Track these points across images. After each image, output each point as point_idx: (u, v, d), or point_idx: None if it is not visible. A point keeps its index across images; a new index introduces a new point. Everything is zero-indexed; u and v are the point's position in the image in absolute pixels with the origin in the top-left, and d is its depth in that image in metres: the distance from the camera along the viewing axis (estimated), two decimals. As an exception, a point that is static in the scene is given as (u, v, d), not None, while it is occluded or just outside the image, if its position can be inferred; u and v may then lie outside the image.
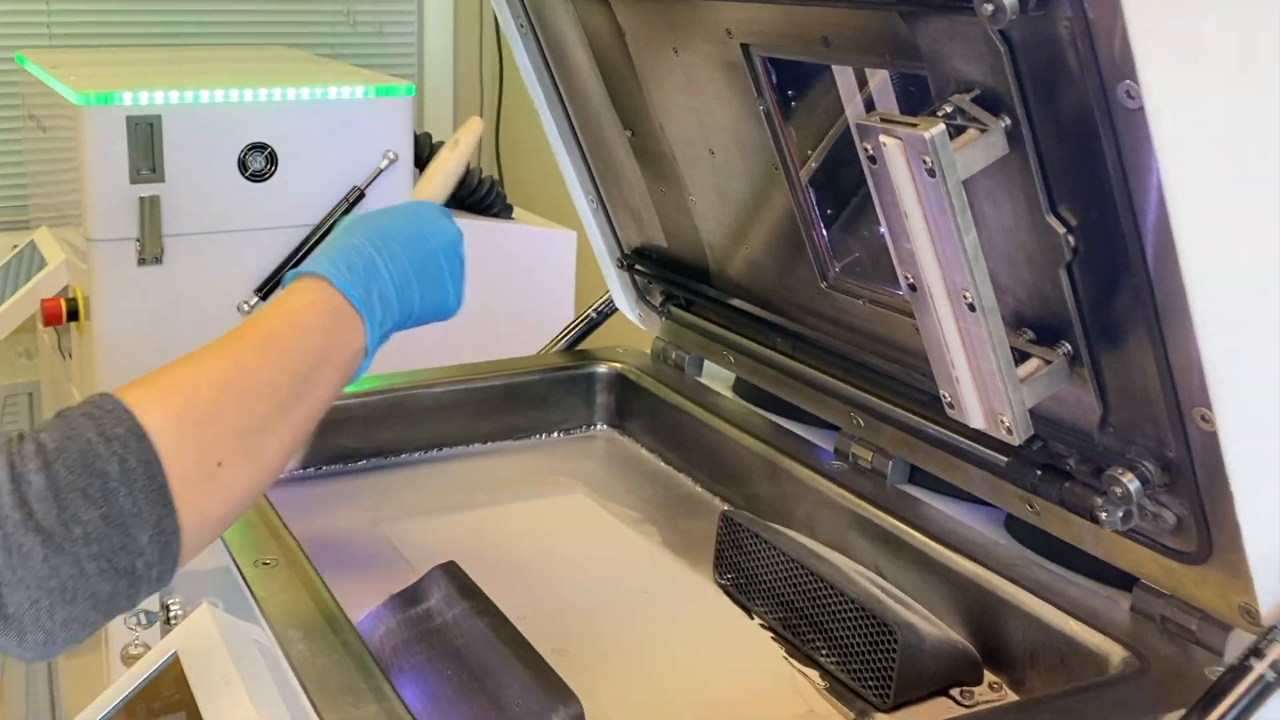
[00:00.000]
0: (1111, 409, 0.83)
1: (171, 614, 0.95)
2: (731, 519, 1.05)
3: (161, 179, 1.72)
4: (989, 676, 0.92)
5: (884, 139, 0.76)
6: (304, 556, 0.96)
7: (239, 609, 0.92)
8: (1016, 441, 0.82)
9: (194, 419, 0.75)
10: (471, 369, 1.36)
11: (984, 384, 0.81)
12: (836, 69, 1.02)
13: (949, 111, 0.78)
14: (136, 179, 1.70)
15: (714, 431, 1.24)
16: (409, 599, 0.96)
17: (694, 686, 0.94)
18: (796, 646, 0.98)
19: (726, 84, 1.06)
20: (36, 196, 2.20)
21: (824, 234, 1.08)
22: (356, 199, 1.85)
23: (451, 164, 1.05)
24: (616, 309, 1.44)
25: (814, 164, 1.07)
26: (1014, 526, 1.02)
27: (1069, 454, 0.88)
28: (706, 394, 1.31)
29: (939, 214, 0.76)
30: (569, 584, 1.08)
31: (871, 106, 1.02)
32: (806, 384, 1.16)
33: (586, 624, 1.02)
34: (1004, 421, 0.82)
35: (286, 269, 1.84)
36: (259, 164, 1.79)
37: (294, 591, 0.92)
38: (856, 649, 0.91)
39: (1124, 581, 0.89)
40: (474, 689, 0.85)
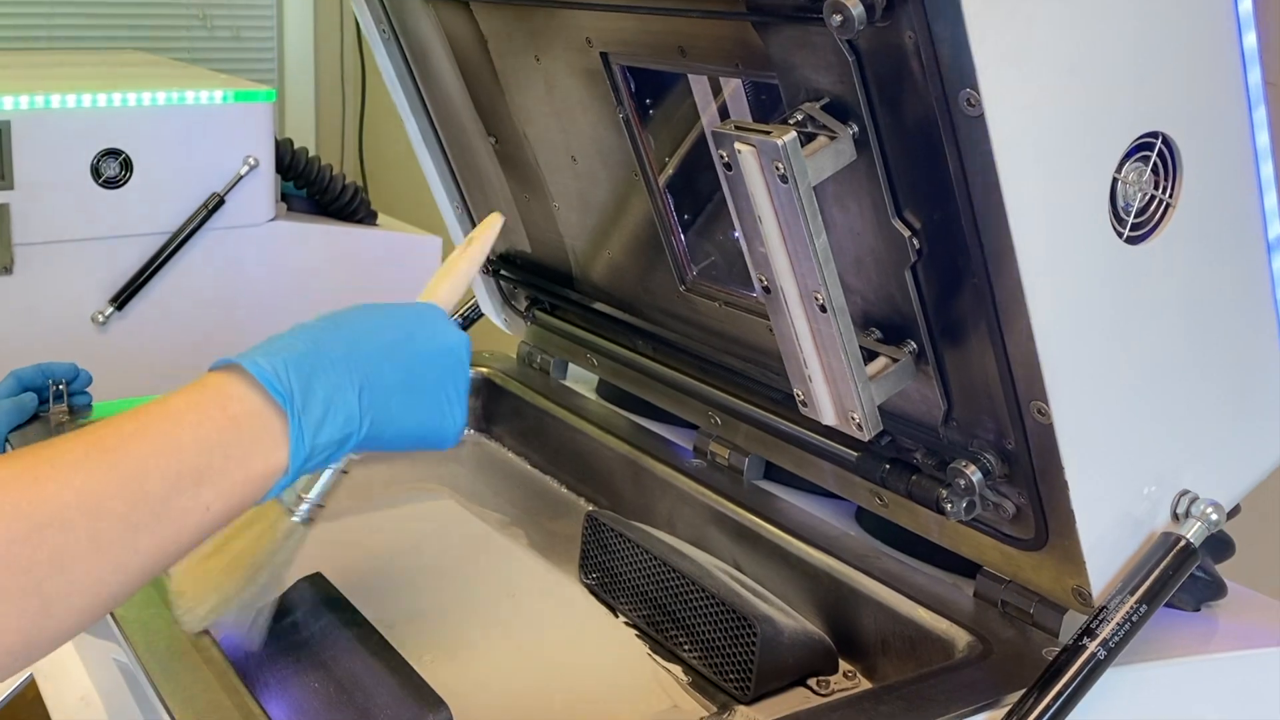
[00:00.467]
0: (955, 404, 0.86)
1: None
2: (596, 519, 1.07)
3: (10, 186, 1.67)
4: (844, 665, 0.94)
5: (738, 146, 0.77)
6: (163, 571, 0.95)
7: (96, 627, 0.91)
8: (866, 437, 0.84)
9: None
10: (336, 376, 1.35)
11: (835, 382, 0.83)
12: (692, 78, 1.04)
13: (800, 119, 0.80)
14: (-16, 186, 1.65)
15: (578, 433, 1.25)
16: (274, 611, 0.95)
17: (561, 686, 0.95)
18: (660, 643, 0.99)
19: (587, 92, 1.08)
20: (-122, 204, 2.12)
21: (682, 239, 1.10)
22: (216, 205, 1.82)
23: (462, 265, 0.95)
24: (482, 314, 1.44)
25: (671, 170, 1.09)
26: (864, 519, 1.05)
27: (915, 448, 0.91)
28: (571, 396, 1.32)
29: (791, 218, 0.78)
30: (436, 590, 1.08)
31: (726, 114, 1.04)
32: (666, 384, 1.18)
33: (454, 629, 1.02)
34: (854, 418, 0.84)
35: (143, 277, 1.80)
36: (113, 170, 1.75)
37: (154, 607, 0.89)
38: (717, 643, 0.93)
39: (968, 569, 0.93)
40: (342, 701, 0.85)
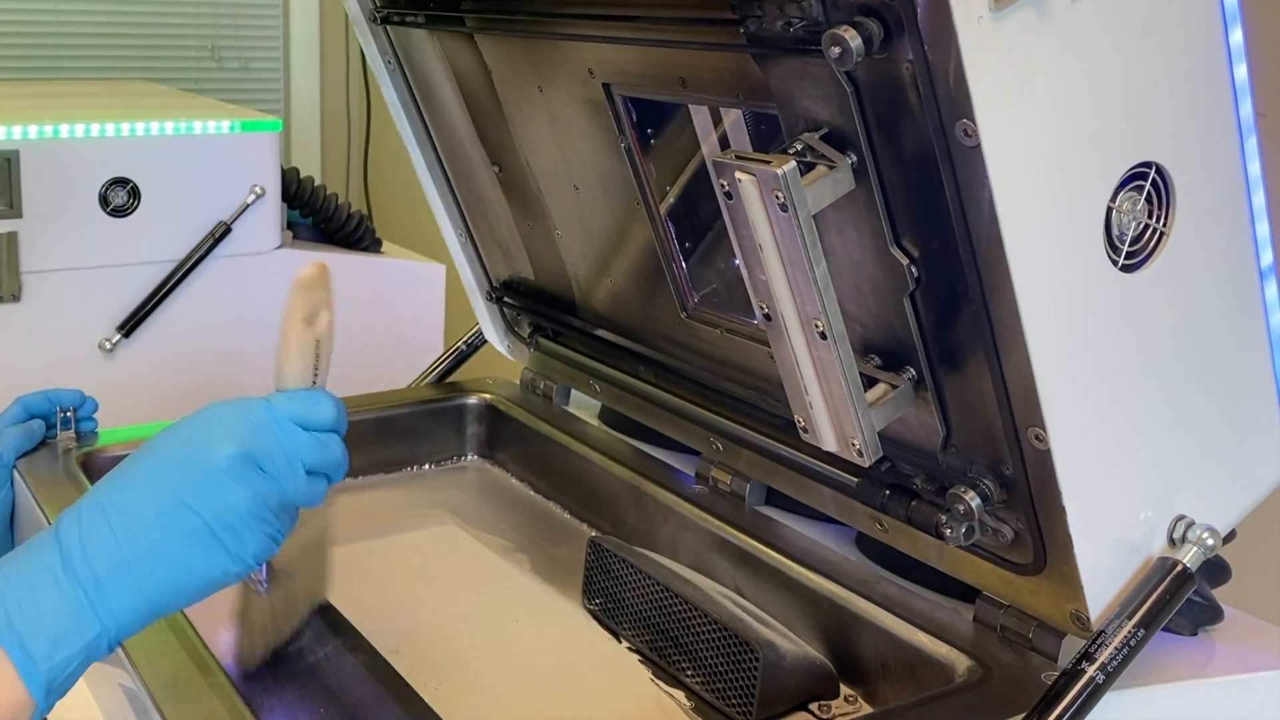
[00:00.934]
0: (953, 430, 0.87)
1: None
2: (599, 545, 1.07)
3: (19, 215, 1.68)
4: (845, 689, 0.95)
5: (739, 175, 0.78)
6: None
7: (105, 654, 0.91)
8: (866, 463, 0.85)
9: None
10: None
11: (835, 408, 0.84)
12: (693, 108, 1.05)
13: (799, 149, 0.81)
14: (-7, 215, 1.67)
15: (581, 459, 1.26)
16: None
17: (565, 711, 0.96)
18: (663, 668, 1.00)
19: (589, 122, 1.09)
20: (-113, 233, 2.13)
21: (683, 266, 1.11)
22: (223, 234, 1.84)
23: (289, 335, 0.82)
24: (486, 341, 1.45)
25: (672, 198, 1.10)
26: (864, 544, 1.06)
27: (915, 474, 0.91)
28: (573, 423, 1.33)
29: (791, 247, 0.78)
30: (441, 616, 1.09)
31: (726, 143, 1.05)
32: (668, 410, 1.19)
33: (459, 655, 1.03)
34: (855, 444, 0.84)
35: (150, 305, 1.81)
36: (121, 199, 1.76)
37: (160, 634, 0.89)
38: (720, 668, 0.94)
39: (967, 594, 0.93)
40: (347, 727, 0.86)
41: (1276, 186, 0.89)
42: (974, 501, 0.86)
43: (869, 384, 0.86)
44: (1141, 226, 0.81)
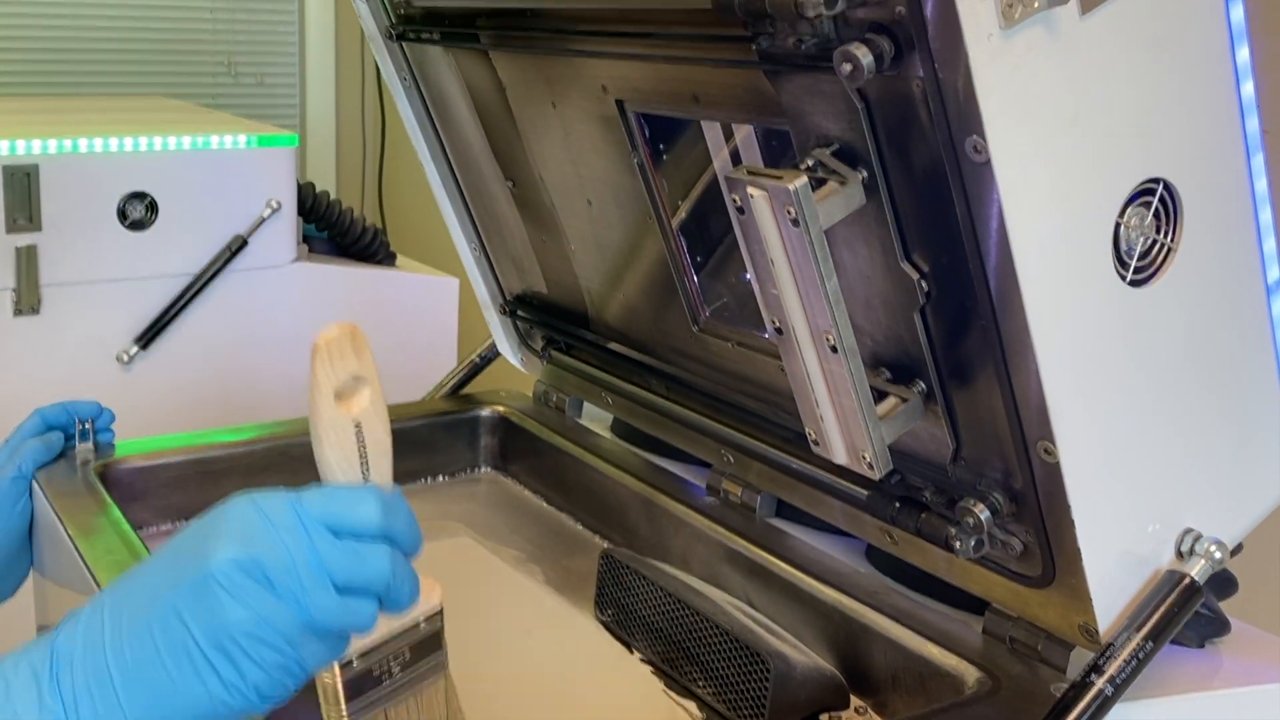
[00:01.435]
0: (963, 443, 0.87)
1: None
2: (611, 557, 1.08)
3: (39, 228, 1.70)
4: (855, 701, 0.95)
5: (751, 191, 0.78)
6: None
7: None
8: (877, 476, 0.85)
9: None
10: (356, 415, 1.37)
11: (846, 422, 0.84)
12: (705, 123, 1.06)
13: (811, 165, 0.81)
14: (13, 228, 1.68)
15: (594, 471, 1.27)
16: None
17: (576, 721, 0.97)
18: (675, 679, 1.00)
19: (602, 137, 1.10)
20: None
21: (695, 280, 1.12)
22: (239, 247, 1.85)
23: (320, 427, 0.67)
24: (499, 354, 1.46)
25: (684, 213, 1.11)
26: (874, 556, 1.06)
27: (925, 487, 0.92)
28: (586, 435, 1.34)
29: (803, 261, 0.79)
30: (453, 626, 1.08)
31: (738, 159, 1.06)
32: (680, 423, 1.19)
33: (471, 666, 1.03)
34: (865, 457, 0.85)
35: (167, 318, 1.83)
36: (139, 213, 1.77)
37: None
38: (731, 679, 0.95)
39: (976, 605, 0.94)
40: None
41: (1284, 202, 0.90)
42: (983, 514, 0.86)
43: (879, 397, 0.87)
44: (1149, 242, 0.81)
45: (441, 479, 1.39)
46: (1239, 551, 0.90)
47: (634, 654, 1.05)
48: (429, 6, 1.20)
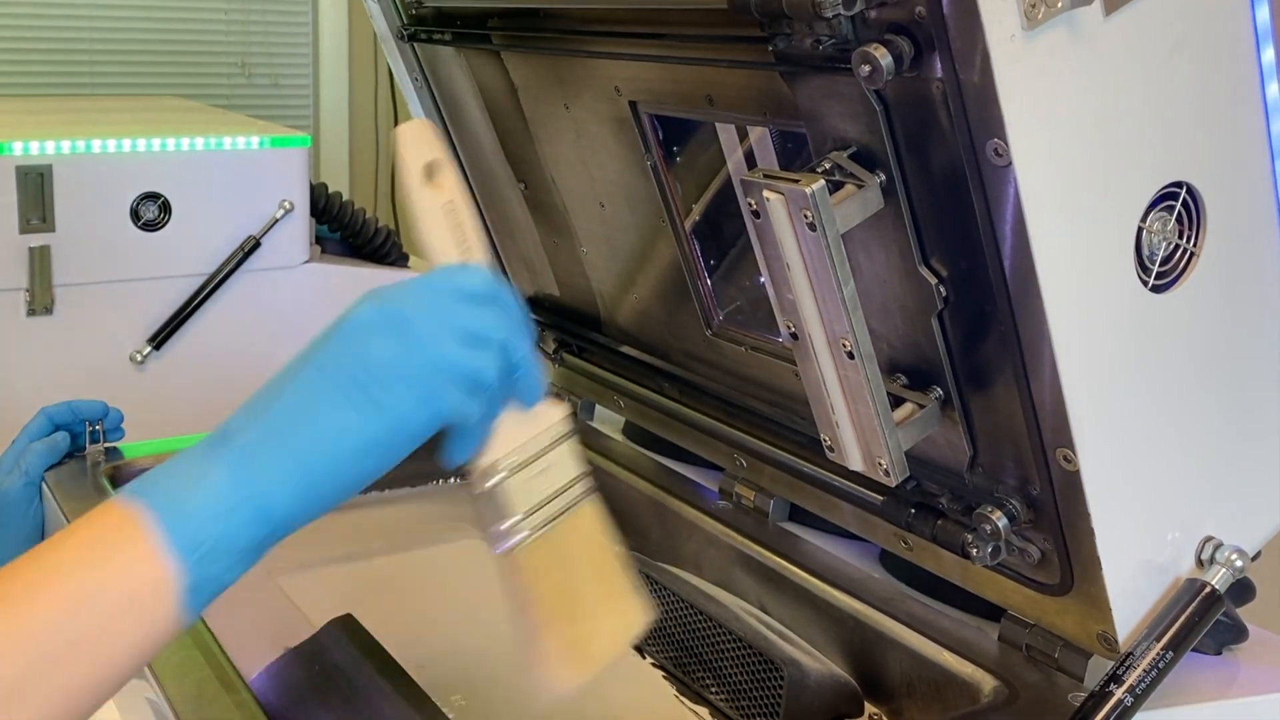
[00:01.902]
0: (981, 450, 0.87)
1: None
2: (623, 561, 1.08)
3: (52, 229, 1.71)
4: (869, 708, 0.95)
5: (767, 194, 0.78)
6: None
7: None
8: (893, 483, 0.85)
9: None
10: (368, 417, 1.36)
11: (862, 428, 0.84)
12: (719, 125, 1.05)
13: (828, 168, 0.81)
14: (26, 229, 1.69)
15: (606, 474, 1.26)
16: (305, 654, 0.95)
17: (587, 726, 0.96)
18: (687, 685, 1.00)
19: (615, 139, 1.10)
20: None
21: (708, 283, 1.11)
22: (252, 248, 1.86)
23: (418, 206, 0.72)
24: (512, 357, 1.46)
25: (698, 215, 1.11)
26: (889, 561, 1.05)
27: (941, 493, 0.91)
28: (598, 438, 1.34)
29: (819, 266, 0.78)
30: (465, 630, 1.09)
31: (753, 161, 1.06)
32: (693, 427, 1.19)
33: (483, 669, 1.03)
34: (881, 464, 0.84)
35: (180, 318, 1.83)
36: (152, 213, 1.78)
37: (185, 649, 0.89)
38: (744, 685, 0.94)
39: (992, 612, 0.93)
40: (369, 743, 0.86)
41: (1307, 207, 0.89)
42: (1001, 521, 0.85)
43: (896, 403, 0.86)
44: (1172, 247, 0.81)
45: (454, 481, 1.38)
46: (1257, 558, 0.89)
47: (646, 659, 1.04)
48: (440, 7, 1.20)
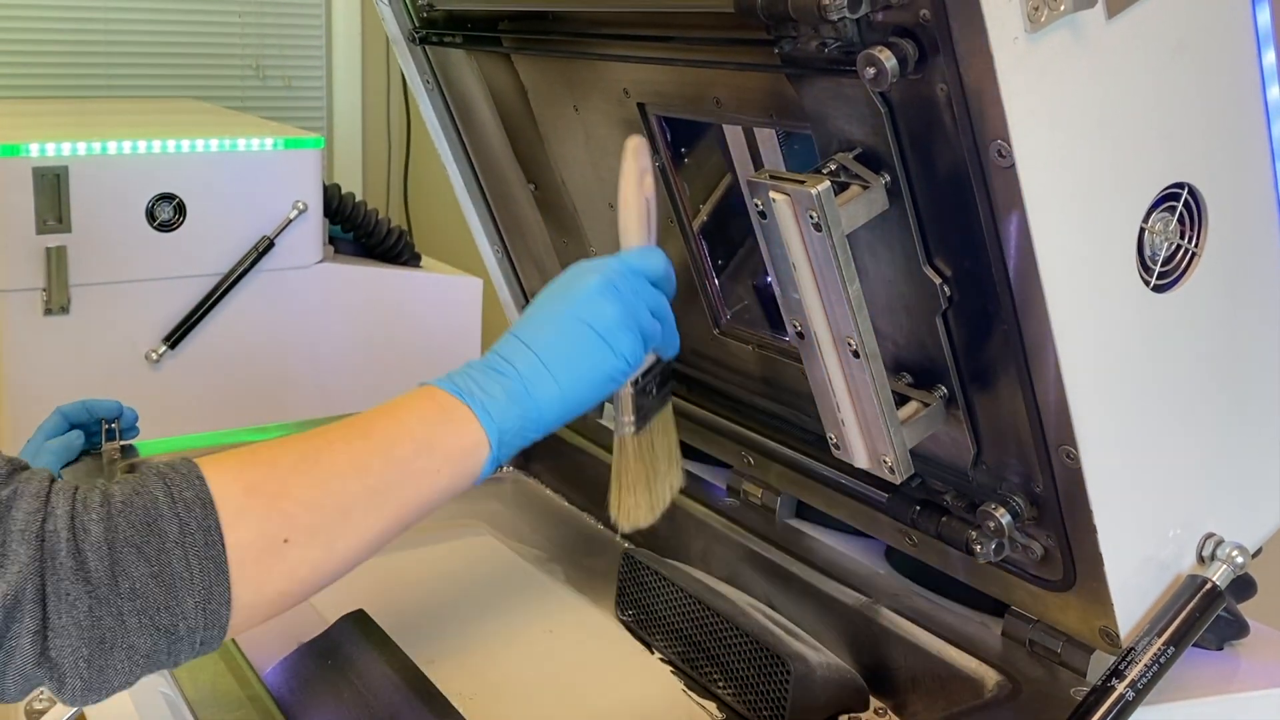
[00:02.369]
0: (984, 448, 0.88)
1: None
2: (632, 557, 1.09)
3: (68, 229, 1.72)
4: (874, 702, 0.95)
5: (773, 195, 0.79)
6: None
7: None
8: (898, 480, 0.86)
9: (265, 492, 0.74)
10: (380, 415, 1.37)
11: (867, 426, 0.85)
12: (726, 127, 1.06)
13: (833, 169, 0.81)
14: (43, 229, 1.70)
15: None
16: (317, 649, 0.96)
17: (597, 721, 0.97)
18: (695, 679, 1.01)
19: (624, 140, 1.10)
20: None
21: (716, 283, 1.12)
22: (266, 248, 1.87)
23: (629, 196, 0.95)
24: (522, 356, 1.47)
25: (705, 216, 1.11)
26: (894, 557, 1.06)
27: (945, 490, 0.92)
28: (608, 435, 1.34)
29: (825, 266, 0.79)
30: (476, 625, 1.10)
31: (759, 162, 1.06)
32: (701, 425, 1.19)
33: (494, 665, 1.04)
34: (886, 461, 0.85)
35: (195, 317, 1.85)
36: (167, 214, 1.79)
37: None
38: (751, 680, 0.95)
39: (996, 608, 0.94)
40: (383, 739, 0.86)
41: (1309, 207, 0.89)
42: (1004, 518, 0.86)
43: (901, 401, 0.87)
44: (1174, 247, 0.81)
45: (464, 479, 1.39)
46: (1258, 554, 0.90)
47: (654, 654, 1.05)
48: (452, 10, 1.21)
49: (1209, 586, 0.84)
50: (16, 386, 1.73)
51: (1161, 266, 0.81)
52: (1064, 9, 0.71)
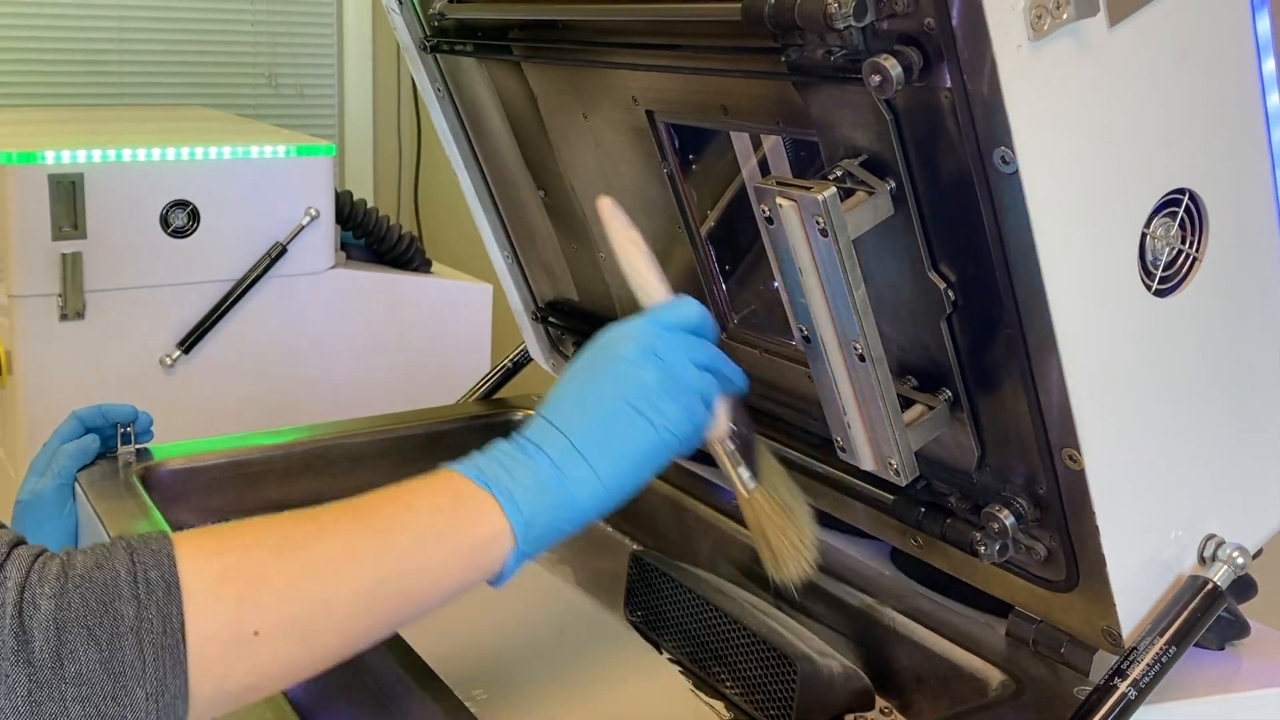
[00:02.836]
0: (988, 450, 0.88)
1: None
2: (641, 559, 1.09)
3: (83, 236, 1.73)
4: (880, 702, 0.96)
5: (780, 201, 0.79)
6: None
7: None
8: (903, 482, 0.86)
9: (240, 579, 0.68)
10: (393, 419, 1.38)
11: (873, 429, 0.85)
12: (734, 134, 1.07)
13: (839, 175, 0.81)
14: (59, 236, 1.71)
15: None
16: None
17: (606, 720, 0.98)
18: (703, 679, 1.02)
19: (632, 148, 1.11)
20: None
21: (723, 288, 1.12)
22: (278, 254, 1.88)
23: (636, 260, 0.92)
24: (531, 359, 1.47)
25: (713, 222, 1.12)
26: (899, 559, 1.07)
27: (950, 492, 0.92)
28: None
29: (831, 271, 0.80)
30: (488, 626, 1.11)
31: (766, 169, 1.07)
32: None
33: (505, 665, 1.05)
34: (892, 464, 0.86)
35: (209, 322, 1.86)
36: (181, 220, 1.80)
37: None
38: (758, 680, 0.96)
39: (1000, 608, 0.94)
40: (395, 737, 0.87)
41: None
42: (1008, 520, 0.87)
43: (906, 405, 0.87)
44: (1175, 252, 0.82)
45: (475, 483, 1.40)
46: (1259, 555, 0.90)
47: (663, 654, 1.06)
48: (462, 19, 1.22)
49: (1210, 587, 0.84)
50: (33, 391, 1.75)
51: (1163, 271, 0.82)
52: (1067, 17, 0.72)
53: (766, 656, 0.95)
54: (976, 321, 0.83)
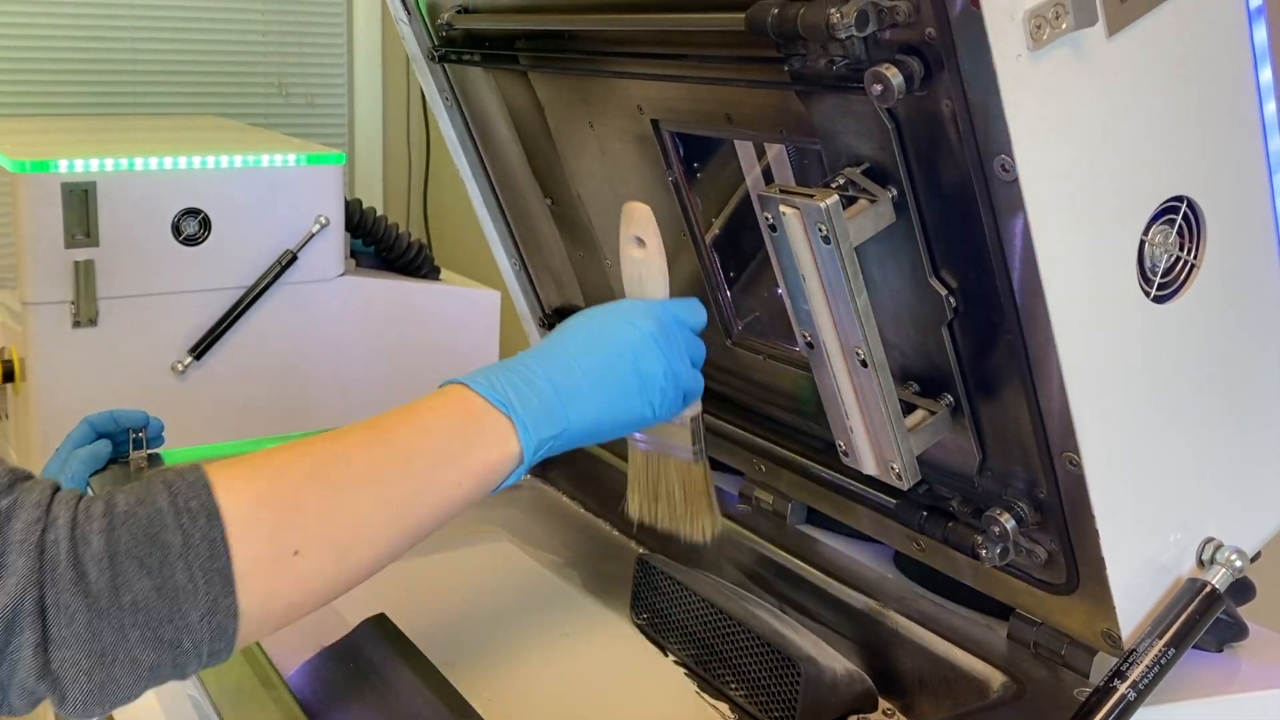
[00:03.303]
0: (989, 454, 0.89)
1: None
2: (647, 562, 1.10)
3: (96, 243, 1.73)
4: (883, 703, 0.96)
5: (783, 209, 0.80)
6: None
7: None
8: (905, 486, 0.87)
9: (274, 502, 0.72)
10: (400, 424, 1.39)
11: (875, 433, 0.86)
12: (738, 142, 1.07)
13: (842, 183, 0.82)
14: (71, 243, 1.72)
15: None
16: (340, 652, 0.98)
17: (613, 722, 0.99)
18: (708, 681, 1.02)
19: (638, 156, 1.12)
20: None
21: (728, 295, 1.13)
22: (289, 262, 1.88)
23: (654, 261, 0.99)
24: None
25: (717, 229, 1.12)
26: (902, 562, 1.07)
27: (952, 496, 0.93)
28: (623, 444, 1.35)
29: (834, 278, 0.80)
30: (494, 629, 1.12)
31: (770, 177, 1.07)
32: (714, 433, 1.20)
33: (511, 668, 1.05)
34: (894, 468, 0.86)
35: (220, 329, 1.87)
36: (192, 229, 1.81)
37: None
38: (763, 682, 0.96)
39: (1001, 611, 0.95)
40: (405, 741, 0.87)
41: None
42: (1009, 523, 0.87)
43: (908, 410, 0.88)
44: (1173, 259, 0.82)
45: (483, 488, 1.40)
46: (1257, 558, 0.91)
47: (668, 656, 1.07)
48: (470, 29, 1.23)
49: (1208, 589, 0.85)
50: (46, 397, 1.75)
51: (1161, 278, 0.82)
52: (1066, 27, 0.72)
53: (770, 659, 0.95)
54: (977, 327, 0.84)
